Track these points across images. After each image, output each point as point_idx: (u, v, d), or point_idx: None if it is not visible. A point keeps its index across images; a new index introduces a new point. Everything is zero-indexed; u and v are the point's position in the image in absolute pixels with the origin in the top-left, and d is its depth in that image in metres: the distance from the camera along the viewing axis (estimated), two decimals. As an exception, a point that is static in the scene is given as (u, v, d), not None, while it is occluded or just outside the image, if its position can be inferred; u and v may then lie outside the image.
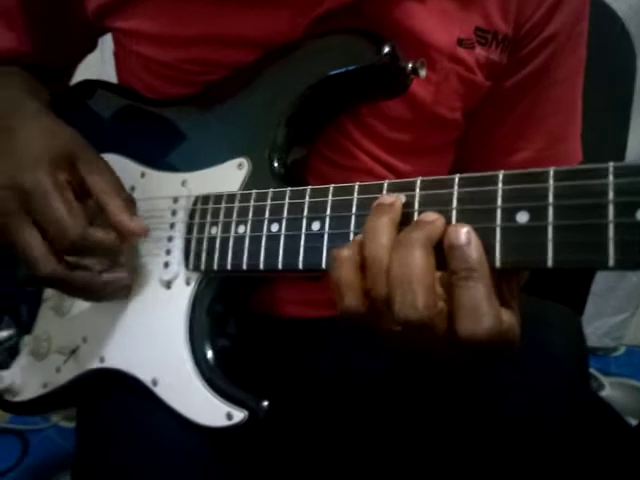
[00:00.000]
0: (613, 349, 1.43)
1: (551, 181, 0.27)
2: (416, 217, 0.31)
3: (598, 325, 1.38)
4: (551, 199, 0.27)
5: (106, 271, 0.41)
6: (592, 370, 1.33)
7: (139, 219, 0.41)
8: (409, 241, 0.28)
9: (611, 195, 0.25)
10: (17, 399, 0.48)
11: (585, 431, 0.43)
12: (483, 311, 0.27)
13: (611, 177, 0.26)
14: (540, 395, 0.45)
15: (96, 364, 0.43)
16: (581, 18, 0.47)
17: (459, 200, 0.29)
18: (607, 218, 0.25)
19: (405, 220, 0.30)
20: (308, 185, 0.36)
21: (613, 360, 1.40)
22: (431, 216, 0.29)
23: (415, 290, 0.27)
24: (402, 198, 0.31)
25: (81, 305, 0.45)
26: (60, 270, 0.38)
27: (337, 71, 0.38)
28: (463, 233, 0.28)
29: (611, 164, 0.26)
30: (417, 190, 0.31)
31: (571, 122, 0.52)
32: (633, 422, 0.91)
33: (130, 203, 0.42)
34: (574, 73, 0.49)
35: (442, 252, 0.29)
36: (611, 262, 0.25)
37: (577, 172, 0.27)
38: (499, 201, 0.28)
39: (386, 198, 0.31)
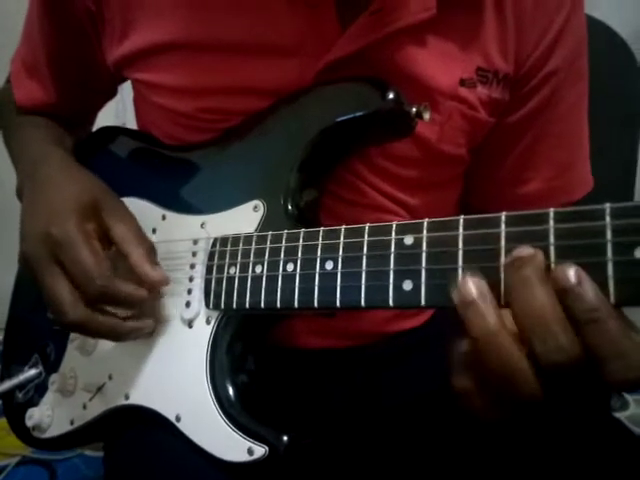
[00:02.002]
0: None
1: (551, 222, 0.29)
2: (425, 258, 0.32)
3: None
4: (552, 240, 0.28)
5: (130, 318, 0.43)
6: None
7: (160, 269, 0.43)
8: (524, 279, 0.27)
9: (609, 235, 0.27)
10: (45, 436, 0.50)
11: (600, 452, 0.43)
12: (628, 353, 0.25)
13: (608, 218, 0.27)
14: (556, 419, 0.46)
15: (121, 401, 0.45)
16: (579, 55, 0.49)
17: (465, 242, 0.31)
18: (606, 256, 0.27)
19: (408, 261, 0.32)
20: (321, 223, 0.38)
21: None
22: (528, 250, 0.27)
23: (555, 330, 0.26)
24: (410, 240, 0.33)
25: (106, 344, 0.47)
26: (86, 317, 0.40)
27: (345, 117, 0.40)
28: (572, 272, 0.26)
29: (608, 205, 0.27)
30: (424, 232, 0.33)
31: (577, 152, 0.53)
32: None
33: (152, 251, 0.44)
34: (576, 107, 0.51)
35: None
36: (612, 299, 0.26)
37: (575, 213, 0.28)
38: (503, 242, 0.30)
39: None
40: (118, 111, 0.72)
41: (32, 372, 0.53)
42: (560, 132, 0.50)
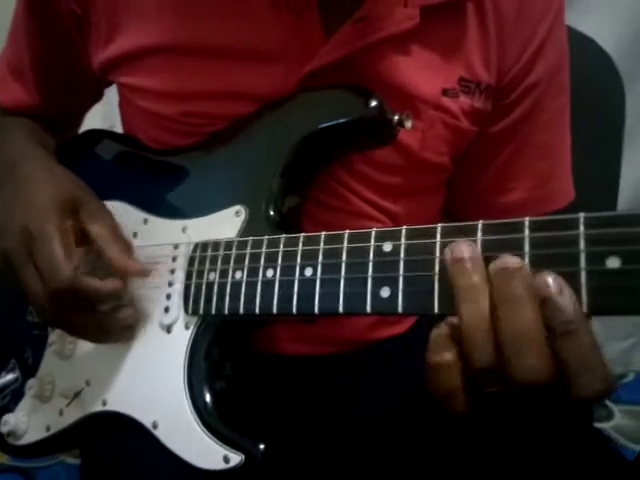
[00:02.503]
0: (622, 375, 1.41)
1: (527, 231, 0.29)
2: (402, 265, 0.32)
3: (606, 351, 1.35)
4: (527, 248, 0.28)
5: (110, 312, 0.42)
6: (602, 398, 1.31)
7: (137, 261, 0.43)
8: (513, 296, 0.26)
9: (582, 245, 0.27)
10: (20, 442, 0.49)
11: (579, 465, 0.43)
12: (596, 364, 0.26)
13: (582, 228, 0.27)
14: (534, 428, 0.46)
15: (99, 407, 0.44)
16: (560, 69, 0.49)
17: (442, 249, 0.31)
18: (579, 266, 0.27)
19: (386, 268, 0.32)
20: (303, 229, 0.38)
21: (622, 387, 1.37)
22: (516, 260, 0.27)
23: (536, 351, 0.26)
24: (388, 247, 0.33)
25: (84, 349, 0.47)
26: (58, 312, 0.40)
27: (328, 124, 0.41)
28: (551, 282, 0.26)
29: (582, 215, 0.28)
30: (403, 239, 0.33)
31: (559, 162, 0.53)
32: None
33: (129, 247, 0.44)
34: (558, 118, 0.51)
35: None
36: (584, 308, 0.27)
37: (550, 222, 0.28)
38: (479, 250, 0.30)
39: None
40: (106, 113, 0.72)
41: (9, 377, 0.52)
42: (541, 143, 0.51)
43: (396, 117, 0.40)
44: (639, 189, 1.20)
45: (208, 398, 0.39)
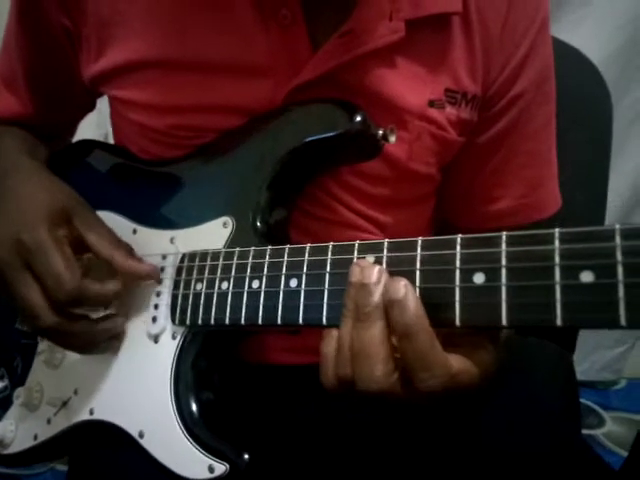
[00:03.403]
0: (613, 382, 1.41)
1: (504, 245, 0.29)
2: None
3: (597, 358, 1.37)
4: (504, 262, 0.29)
5: (101, 320, 0.43)
6: (592, 405, 1.31)
7: (146, 262, 0.44)
8: (364, 316, 0.31)
9: (557, 259, 0.28)
10: (7, 451, 0.49)
11: (564, 472, 0.43)
12: (430, 361, 0.30)
13: (557, 242, 0.28)
14: (521, 435, 0.46)
15: (86, 416, 0.45)
16: (546, 79, 0.50)
17: (422, 262, 0.32)
18: (554, 280, 0.28)
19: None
20: (291, 239, 0.39)
21: (613, 394, 1.39)
22: (373, 275, 0.31)
23: (372, 363, 0.30)
24: (371, 259, 0.33)
25: (73, 358, 0.47)
26: (59, 323, 0.40)
27: (313, 137, 0.41)
28: (401, 287, 0.30)
29: (557, 230, 0.28)
30: (385, 252, 0.33)
31: (546, 170, 0.54)
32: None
33: (131, 250, 0.45)
34: (544, 127, 0.52)
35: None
36: (558, 321, 0.27)
37: (526, 237, 0.29)
38: (458, 263, 0.31)
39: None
40: (99, 121, 0.72)
41: (-2, 386, 0.52)
42: (529, 151, 0.51)
43: (380, 131, 0.40)
44: (627, 199, 1.21)
45: (194, 408, 0.40)
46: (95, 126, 0.91)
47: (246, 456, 0.36)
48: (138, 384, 0.43)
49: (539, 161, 0.53)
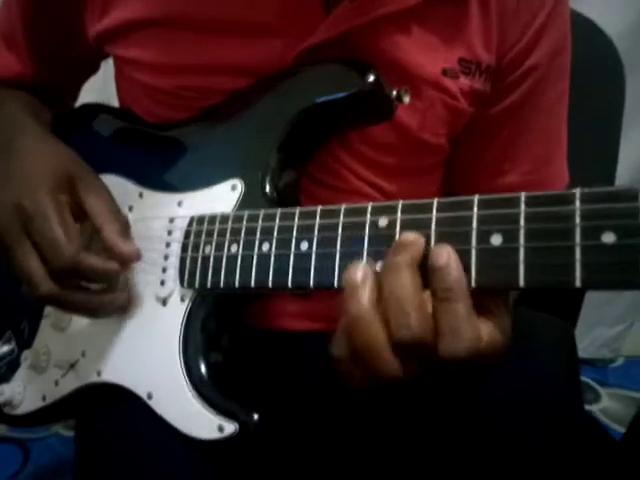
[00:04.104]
0: (611, 360, 1.43)
1: (523, 206, 0.29)
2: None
3: (596, 336, 1.38)
4: (522, 223, 0.29)
5: (103, 292, 0.42)
6: (589, 381, 1.33)
7: (132, 243, 0.43)
8: (396, 265, 0.30)
9: (578, 220, 0.27)
10: (17, 412, 0.50)
11: (568, 446, 0.44)
12: (462, 332, 0.29)
13: (578, 203, 0.27)
14: (525, 411, 0.46)
15: (94, 378, 0.45)
16: (562, 51, 0.49)
17: (437, 223, 0.31)
18: (574, 241, 0.27)
19: (381, 242, 0.32)
20: (299, 205, 0.38)
21: (611, 371, 1.41)
22: (411, 236, 0.30)
23: (407, 311, 0.29)
24: (384, 222, 0.33)
25: (80, 321, 0.47)
26: (57, 291, 0.40)
27: (325, 98, 0.40)
28: (443, 254, 0.29)
29: (578, 190, 0.28)
30: (399, 213, 0.33)
31: (555, 147, 0.53)
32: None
33: (125, 227, 0.44)
34: (557, 102, 0.51)
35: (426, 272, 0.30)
36: (578, 282, 0.27)
37: (546, 197, 0.28)
38: (474, 224, 0.30)
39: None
40: (101, 87, 0.71)
41: (5, 348, 0.52)
42: (540, 127, 0.51)
43: (394, 92, 0.39)
44: (636, 173, 1.20)
45: (203, 369, 0.39)
46: (97, 92, 0.90)
47: (256, 416, 0.37)
48: (146, 346, 0.43)
49: (549, 138, 0.52)
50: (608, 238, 0.26)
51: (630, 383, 1.34)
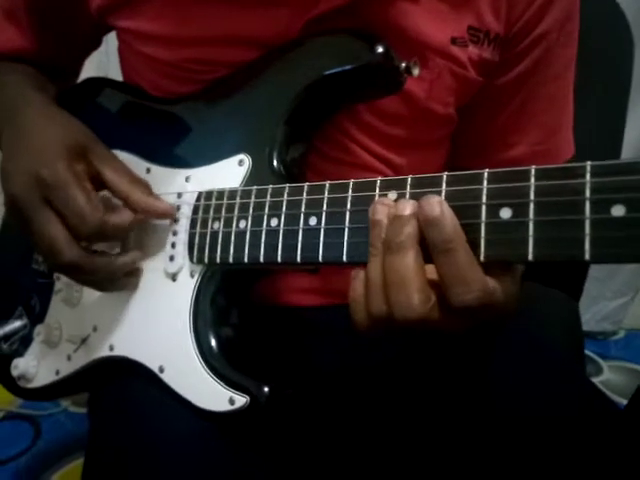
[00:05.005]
0: (613, 333, 1.44)
1: (532, 179, 0.29)
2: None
3: (598, 309, 1.39)
4: (532, 196, 0.29)
5: (120, 255, 0.43)
6: (591, 354, 1.34)
7: (163, 200, 0.44)
8: (397, 246, 0.30)
9: (588, 193, 0.27)
10: (31, 385, 0.51)
11: (576, 417, 0.44)
12: (469, 277, 0.29)
13: (588, 176, 0.27)
14: (532, 383, 0.47)
15: (106, 352, 0.46)
16: (571, 17, 0.48)
17: (447, 197, 0.31)
18: (584, 214, 0.27)
19: None
20: (306, 180, 0.38)
21: (613, 344, 1.42)
22: (407, 208, 0.31)
23: (409, 292, 0.30)
24: (393, 196, 0.33)
25: (91, 296, 0.48)
26: (81, 256, 0.41)
27: (333, 71, 0.40)
28: (435, 204, 0.30)
29: (588, 163, 0.27)
30: (408, 188, 0.33)
31: (563, 115, 0.53)
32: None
33: (148, 187, 0.44)
34: (565, 70, 0.50)
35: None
36: (587, 256, 0.27)
37: (557, 170, 0.28)
38: (484, 198, 0.30)
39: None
40: (101, 63, 0.70)
41: (17, 324, 0.53)
42: (549, 95, 0.50)
43: (403, 64, 0.39)
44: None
45: (214, 343, 0.40)
46: (96, 68, 0.89)
47: (266, 389, 0.37)
48: (157, 321, 0.43)
49: (557, 106, 0.52)
50: (618, 211, 0.26)
51: (631, 356, 1.35)
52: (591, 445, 0.41)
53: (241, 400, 0.37)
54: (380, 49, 0.38)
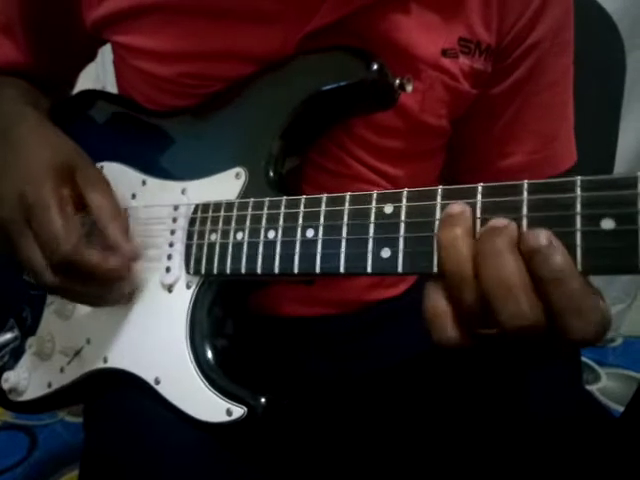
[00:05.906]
0: (610, 340, 1.43)
1: (525, 194, 0.30)
2: (403, 226, 0.33)
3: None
4: (525, 211, 0.29)
5: (105, 283, 0.42)
6: (588, 361, 1.33)
7: (133, 243, 0.43)
8: (496, 249, 0.28)
9: (578, 207, 0.28)
10: (22, 399, 0.50)
11: (571, 424, 0.45)
12: (587, 308, 0.27)
13: (579, 190, 0.28)
14: (527, 389, 0.48)
15: (100, 364, 0.45)
16: (565, 26, 0.49)
17: (442, 211, 0.32)
18: (575, 227, 0.28)
19: (387, 229, 0.33)
20: (302, 192, 0.39)
21: (610, 351, 1.41)
22: (503, 221, 0.29)
23: (518, 297, 0.27)
24: (389, 209, 0.33)
25: (84, 308, 0.47)
26: (58, 282, 0.40)
27: (328, 87, 0.41)
28: (541, 233, 0.28)
29: (579, 178, 0.29)
30: (404, 201, 0.33)
31: (561, 123, 0.53)
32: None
33: (125, 223, 0.43)
34: (561, 78, 0.51)
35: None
36: (578, 267, 0.28)
37: (548, 185, 0.29)
38: (478, 212, 0.31)
39: (454, 208, 0.30)
40: (98, 74, 0.70)
41: (8, 335, 0.53)
42: (544, 103, 0.50)
43: (397, 81, 0.40)
44: (636, 151, 1.20)
45: (210, 354, 0.40)
46: (93, 79, 0.89)
47: (263, 399, 0.37)
48: (153, 332, 0.43)
49: (553, 114, 0.52)
50: (608, 224, 0.27)
51: (629, 363, 1.34)
52: (584, 452, 0.42)
53: (238, 411, 0.38)
54: (375, 66, 0.39)
